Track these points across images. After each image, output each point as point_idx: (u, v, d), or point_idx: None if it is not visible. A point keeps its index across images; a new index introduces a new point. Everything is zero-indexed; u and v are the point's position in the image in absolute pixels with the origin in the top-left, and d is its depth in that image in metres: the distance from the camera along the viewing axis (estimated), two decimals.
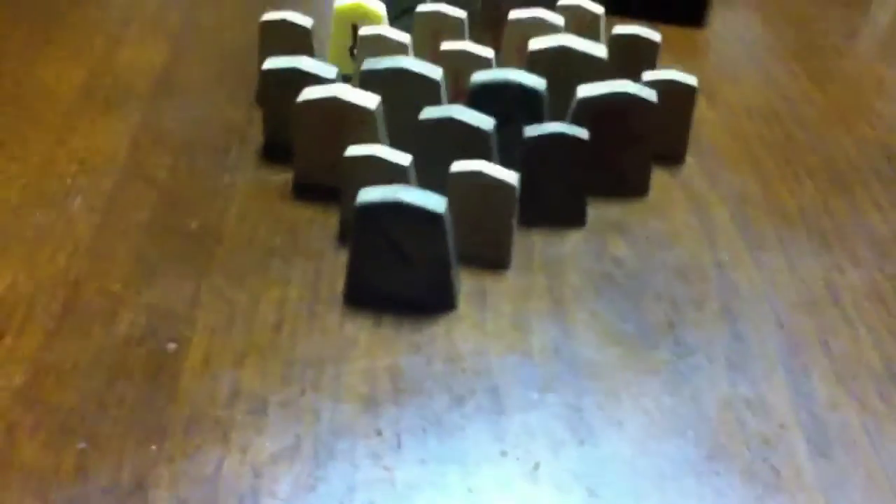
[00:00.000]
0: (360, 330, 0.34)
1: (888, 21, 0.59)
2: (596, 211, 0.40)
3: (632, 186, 0.41)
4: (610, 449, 0.30)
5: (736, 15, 0.58)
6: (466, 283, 0.36)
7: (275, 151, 0.42)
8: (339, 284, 0.35)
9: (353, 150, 0.35)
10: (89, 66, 0.49)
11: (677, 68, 0.42)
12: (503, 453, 0.29)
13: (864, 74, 0.52)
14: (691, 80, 0.41)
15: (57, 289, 0.35)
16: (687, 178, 0.42)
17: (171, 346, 0.33)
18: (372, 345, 0.33)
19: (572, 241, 0.39)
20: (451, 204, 0.34)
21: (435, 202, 0.32)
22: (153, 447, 0.29)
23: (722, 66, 0.52)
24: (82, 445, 0.28)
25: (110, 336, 0.33)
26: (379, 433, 0.30)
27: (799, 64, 0.53)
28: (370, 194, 0.32)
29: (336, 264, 0.36)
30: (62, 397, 0.30)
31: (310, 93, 0.37)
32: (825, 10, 0.59)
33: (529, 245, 0.38)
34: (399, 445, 0.29)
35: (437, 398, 0.31)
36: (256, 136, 0.44)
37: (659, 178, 0.42)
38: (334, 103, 0.37)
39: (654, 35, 0.44)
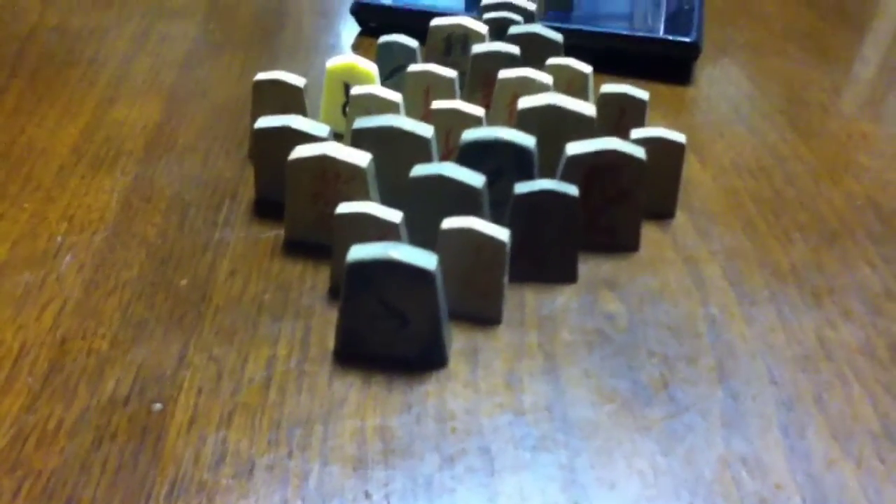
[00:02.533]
0: (350, 388, 0.33)
1: (870, 77, 0.60)
2: (587, 267, 0.40)
3: (622, 242, 0.41)
4: None
5: (721, 72, 0.59)
6: (458, 339, 0.36)
7: (266, 208, 0.42)
8: (330, 342, 0.35)
9: (345, 208, 0.35)
10: (81, 124, 0.49)
11: (665, 125, 0.42)
12: None
13: (849, 130, 0.53)
14: (679, 137, 0.41)
15: (43, 348, 0.34)
16: (677, 233, 0.43)
17: (157, 406, 0.32)
18: (361, 404, 0.33)
19: (564, 297, 0.38)
20: (441, 261, 0.34)
21: (426, 259, 0.32)
22: None
23: (709, 122, 0.53)
24: None
25: (96, 396, 0.32)
26: (368, 496, 0.29)
27: (785, 120, 0.53)
28: (361, 252, 0.32)
29: (326, 321, 0.36)
30: (45, 460, 0.30)
31: (301, 151, 0.38)
32: (808, 67, 0.60)
33: (521, 301, 0.38)
34: None
35: (428, 459, 0.31)
36: (248, 193, 0.44)
37: (650, 234, 0.42)
38: (325, 161, 0.37)
39: (642, 94, 0.44)
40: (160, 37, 0.60)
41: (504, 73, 0.44)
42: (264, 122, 0.40)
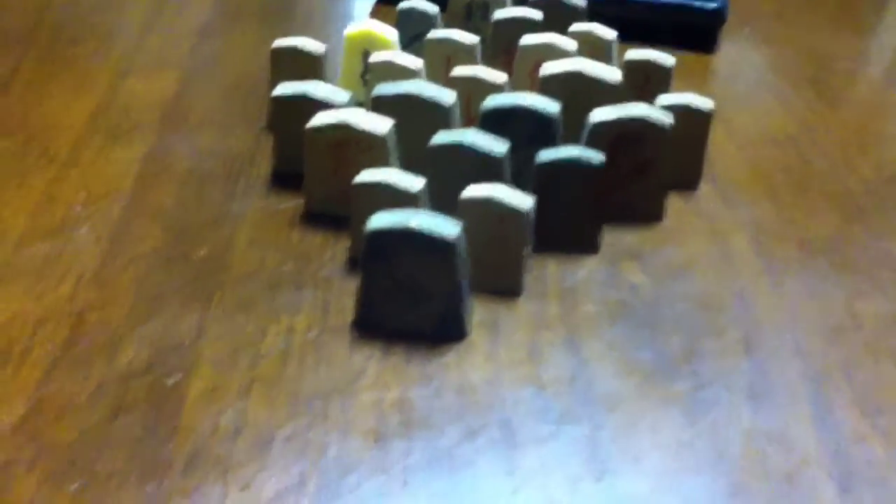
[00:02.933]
0: (369, 360, 0.33)
1: (891, 44, 0.58)
2: (610, 238, 0.39)
3: (646, 213, 0.40)
4: (627, 486, 0.29)
5: (746, 40, 0.57)
6: (478, 311, 0.35)
7: (285, 178, 0.42)
8: (349, 313, 0.35)
9: (364, 176, 0.35)
10: (96, 98, 0.49)
11: (691, 92, 0.41)
12: (515, 490, 0.28)
13: (876, 99, 0.51)
14: (707, 103, 0.40)
15: (60, 320, 0.34)
16: (702, 204, 0.42)
17: (175, 378, 0.32)
18: (381, 376, 0.32)
19: (586, 269, 0.38)
20: (463, 230, 0.33)
21: (448, 228, 0.31)
22: (152, 486, 0.28)
23: (734, 91, 0.51)
24: (80, 483, 0.28)
25: (112, 369, 0.32)
26: (386, 470, 0.29)
27: (811, 89, 0.52)
28: (380, 221, 0.32)
29: (346, 292, 0.36)
30: (61, 433, 0.29)
31: (320, 118, 0.37)
32: (833, 35, 0.58)
33: (542, 272, 0.37)
34: (407, 482, 0.28)
35: (448, 432, 0.30)
36: (266, 165, 0.43)
37: (674, 204, 0.41)
38: (345, 129, 0.36)
39: (667, 59, 0.43)
40: (175, 8, 0.59)
41: (526, 39, 0.43)
42: (282, 88, 0.39)
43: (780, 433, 0.31)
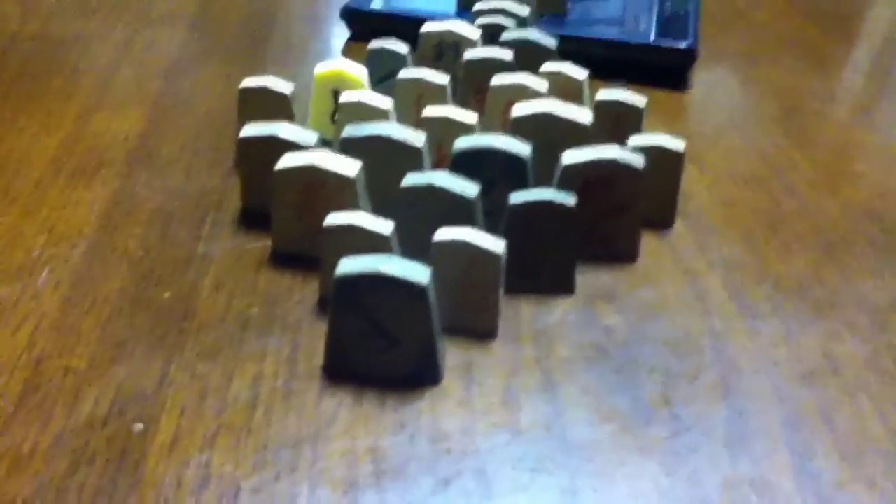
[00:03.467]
0: (340, 407, 0.32)
1: (864, 85, 0.59)
2: (584, 278, 0.39)
3: (621, 253, 0.40)
4: None
5: (716, 79, 0.58)
6: (452, 355, 0.34)
7: (253, 219, 0.41)
8: (318, 358, 0.34)
9: (333, 219, 0.34)
10: (61, 135, 0.48)
11: (662, 132, 0.41)
12: None
13: (845, 138, 0.52)
14: (679, 144, 0.40)
15: (17, 368, 0.33)
16: (676, 244, 0.41)
17: (138, 427, 0.31)
18: (352, 423, 0.31)
19: (561, 310, 0.37)
20: (434, 274, 0.32)
21: (418, 273, 0.31)
22: None
23: (705, 130, 0.52)
24: None
25: (73, 418, 0.31)
26: None
27: (781, 128, 0.52)
28: (349, 266, 0.31)
29: (315, 336, 0.35)
30: (18, 486, 0.28)
31: (288, 160, 0.36)
32: (803, 74, 0.59)
33: (517, 314, 0.37)
34: None
35: (421, 481, 0.29)
36: (234, 205, 0.42)
37: (648, 244, 0.41)
38: (313, 171, 0.36)
39: (639, 100, 0.43)
40: (145, 45, 0.59)
41: (497, 80, 0.43)
42: (250, 129, 0.39)
43: (761, 481, 0.30)
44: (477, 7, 0.52)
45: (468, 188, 0.36)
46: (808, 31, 0.66)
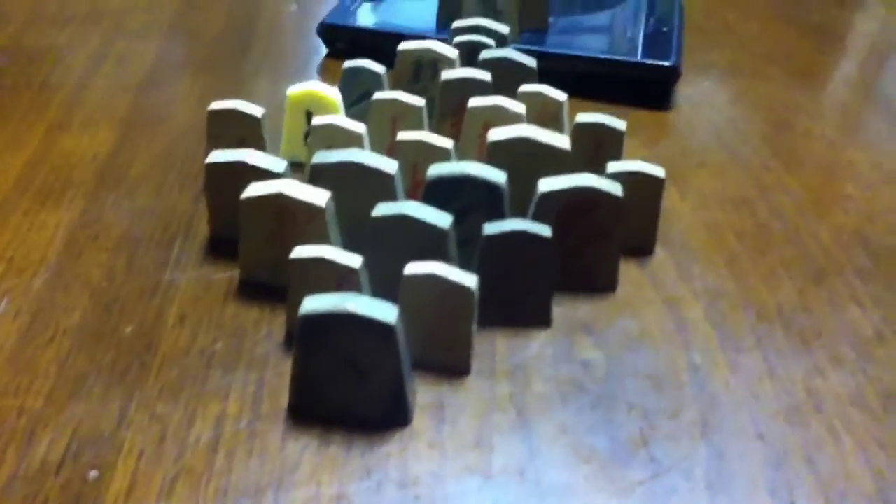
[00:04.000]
0: (305, 451, 0.31)
1: (853, 101, 0.58)
2: (562, 309, 0.38)
3: (599, 283, 0.39)
4: None
5: (701, 95, 0.57)
6: (423, 393, 0.33)
7: (221, 247, 0.40)
8: (284, 397, 0.33)
9: (300, 252, 0.33)
10: (27, 154, 0.46)
11: (644, 153, 0.40)
12: None
13: (834, 158, 0.51)
14: (658, 171, 0.39)
15: None
16: (657, 272, 0.40)
17: (93, 473, 0.29)
18: (317, 468, 0.30)
19: (537, 344, 0.36)
20: (405, 309, 0.31)
21: (386, 312, 0.30)
22: None
23: (689, 149, 0.51)
24: None
25: (25, 462, 0.29)
26: None
27: (768, 147, 0.51)
28: (315, 303, 0.30)
29: (281, 373, 0.34)
30: None
31: (255, 189, 0.35)
32: (791, 89, 0.58)
33: (491, 349, 0.36)
34: None
35: None
36: (203, 229, 0.41)
37: (628, 272, 0.40)
38: (281, 200, 0.35)
39: (619, 123, 0.42)
40: (118, 58, 0.57)
41: (474, 102, 0.42)
42: (217, 156, 0.37)
43: None
44: (456, 24, 0.51)
45: (441, 219, 0.34)
46: (797, 45, 0.65)
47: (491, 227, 0.35)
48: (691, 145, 0.51)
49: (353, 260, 0.33)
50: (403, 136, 0.40)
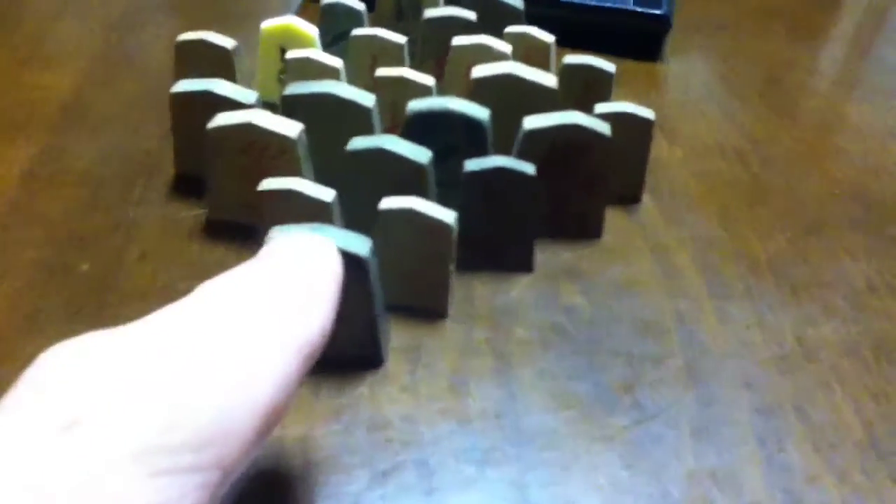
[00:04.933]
0: None
1: (848, 57, 0.57)
2: (545, 255, 0.36)
3: (584, 228, 0.37)
4: None
5: (693, 49, 0.55)
6: (397, 335, 0.32)
7: (188, 185, 0.38)
8: None
9: (270, 184, 0.31)
10: None
11: (633, 102, 0.38)
12: None
13: (828, 112, 0.49)
14: (648, 113, 0.38)
15: None
16: (645, 220, 0.39)
17: None
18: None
19: (519, 289, 0.34)
20: (379, 246, 0.29)
21: (358, 244, 0.28)
22: None
23: (681, 102, 0.49)
24: None
25: None
26: None
27: (761, 101, 0.50)
28: (282, 234, 0.28)
29: None
30: None
31: (223, 118, 0.33)
32: (785, 45, 0.56)
33: (470, 292, 0.34)
34: None
35: (356, 475, 0.27)
36: (169, 169, 0.39)
37: (614, 219, 0.38)
38: (251, 131, 0.33)
39: (607, 66, 0.40)
40: None
41: (458, 40, 0.40)
42: (183, 85, 0.35)
43: (727, 474, 0.28)
44: None
45: (420, 154, 0.33)
46: (794, 1, 0.63)
47: (472, 164, 0.33)
48: (682, 97, 0.49)
49: (326, 193, 0.31)
50: (382, 72, 0.38)
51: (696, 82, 0.51)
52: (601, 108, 0.37)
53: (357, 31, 0.41)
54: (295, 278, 0.21)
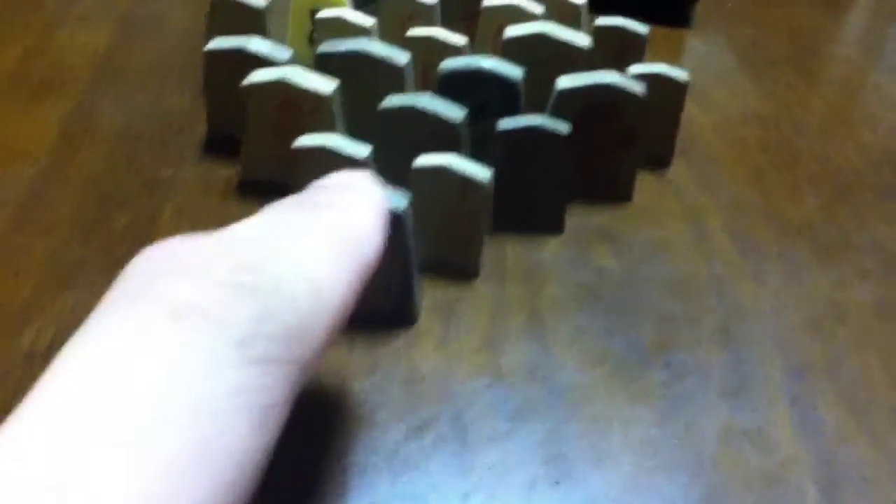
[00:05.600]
0: None
1: (881, 27, 0.56)
2: (576, 217, 0.36)
3: (615, 190, 0.37)
4: (591, 489, 0.26)
5: (723, 18, 0.54)
6: (431, 293, 0.32)
7: (221, 144, 0.38)
8: None
9: (305, 140, 0.31)
10: (24, 46, 0.44)
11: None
12: (466, 496, 0.25)
13: (861, 80, 0.49)
14: (682, 74, 0.37)
15: None
16: (676, 183, 0.39)
17: None
18: (319, 365, 0.29)
19: (551, 250, 0.34)
20: (414, 203, 0.30)
21: (394, 200, 0.28)
22: None
23: (711, 68, 0.49)
24: None
25: (13, 350, 0.28)
26: (321, 471, 0.25)
27: (793, 69, 0.49)
28: None
29: None
30: None
31: (257, 76, 0.33)
32: (814, 14, 0.56)
33: (502, 253, 0.34)
34: (344, 484, 0.25)
35: (392, 428, 0.27)
36: (201, 129, 0.39)
37: (645, 182, 0.38)
38: (284, 88, 0.33)
39: (640, 27, 0.40)
40: None
41: (489, 1, 0.40)
42: (216, 43, 0.35)
43: (759, 433, 0.28)
44: None
45: (454, 112, 0.33)
46: None
47: (506, 123, 0.33)
48: (712, 64, 0.49)
49: (361, 150, 0.31)
50: (414, 31, 0.38)
51: (726, 49, 0.51)
52: (636, 69, 0.37)
53: None
54: (352, 202, 0.23)
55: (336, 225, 0.21)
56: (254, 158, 0.35)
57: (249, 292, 0.18)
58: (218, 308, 0.17)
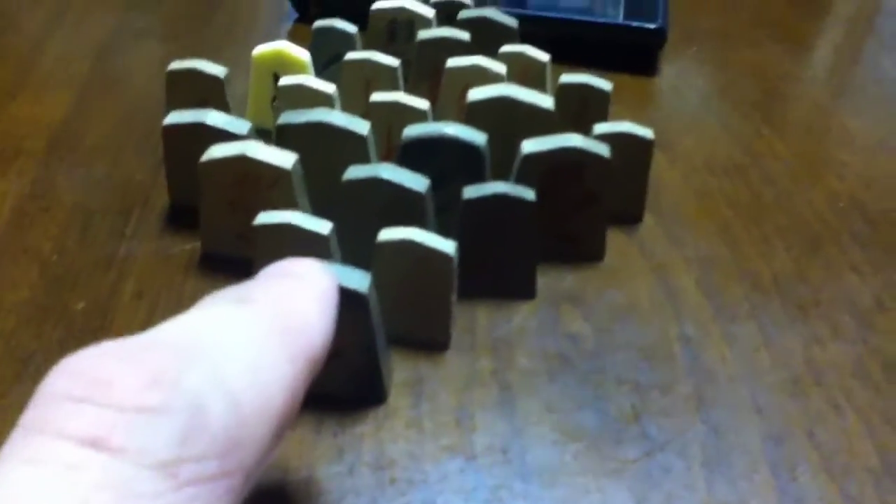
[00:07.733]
0: None
1: (845, 67, 0.56)
2: (546, 279, 0.35)
3: (585, 251, 0.37)
4: None
5: (689, 62, 0.55)
6: (399, 369, 0.31)
7: (182, 217, 0.37)
8: None
9: (265, 218, 0.30)
10: None
11: (630, 119, 0.38)
12: None
13: (827, 124, 0.49)
14: (647, 132, 0.37)
15: None
16: (646, 240, 0.38)
17: None
18: (284, 451, 0.28)
19: (521, 316, 0.34)
20: (379, 278, 0.29)
21: (357, 280, 0.27)
22: None
23: (678, 116, 0.48)
24: None
25: None
26: None
27: (759, 113, 0.49)
28: None
29: None
30: None
31: (216, 151, 0.32)
32: (781, 56, 0.56)
33: (472, 321, 0.33)
34: None
35: None
36: (162, 200, 0.38)
37: (615, 240, 0.38)
38: (244, 163, 0.32)
39: (604, 84, 0.40)
40: (75, 22, 0.54)
41: (453, 62, 0.40)
42: (174, 117, 0.35)
43: None
44: None
45: (417, 182, 0.32)
46: (785, 10, 0.63)
47: (471, 191, 0.32)
48: (679, 112, 0.49)
49: (323, 226, 0.30)
50: (376, 97, 0.37)
51: (692, 95, 0.51)
52: (600, 128, 0.37)
53: (350, 55, 0.40)
54: (293, 291, 0.22)
55: (272, 315, 0.20)
56: (214, 233, 0.34)
57: (162, 414, 0.17)
58: (125, 438, 0.16)
